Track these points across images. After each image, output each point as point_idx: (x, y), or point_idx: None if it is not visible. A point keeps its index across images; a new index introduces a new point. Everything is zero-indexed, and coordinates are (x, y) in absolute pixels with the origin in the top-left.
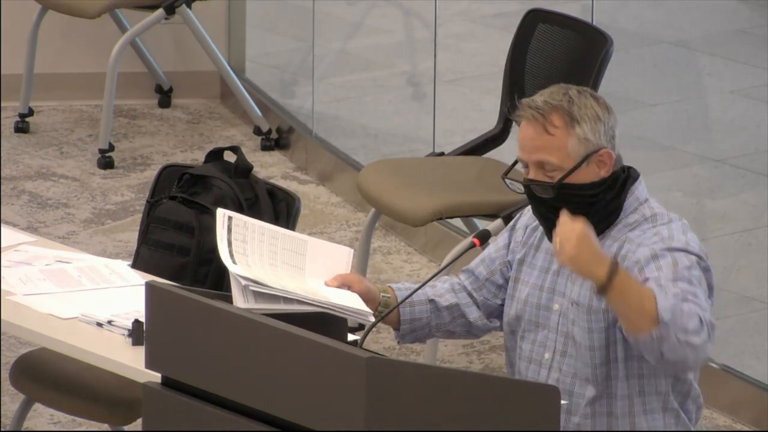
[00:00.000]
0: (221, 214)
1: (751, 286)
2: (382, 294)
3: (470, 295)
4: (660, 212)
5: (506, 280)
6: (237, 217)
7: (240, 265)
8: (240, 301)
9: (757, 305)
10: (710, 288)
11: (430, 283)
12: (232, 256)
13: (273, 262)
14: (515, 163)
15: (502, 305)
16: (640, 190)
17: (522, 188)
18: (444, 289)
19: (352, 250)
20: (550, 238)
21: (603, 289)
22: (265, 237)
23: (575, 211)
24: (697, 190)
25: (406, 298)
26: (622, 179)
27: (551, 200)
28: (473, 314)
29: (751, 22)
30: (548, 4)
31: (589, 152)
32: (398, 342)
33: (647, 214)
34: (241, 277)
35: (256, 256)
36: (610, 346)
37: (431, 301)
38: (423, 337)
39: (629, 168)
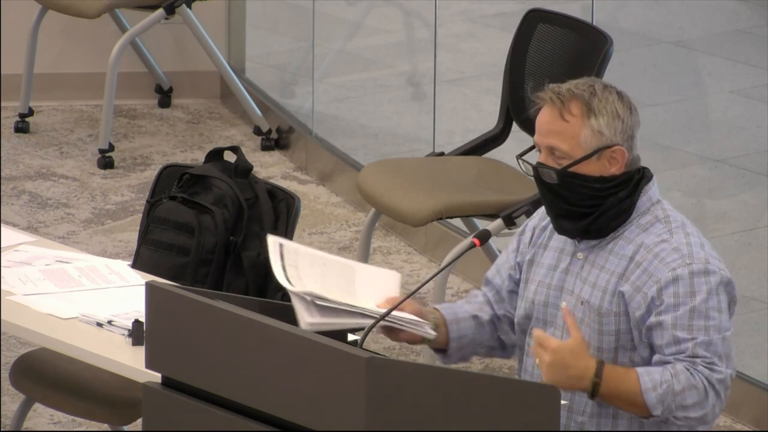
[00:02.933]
0: (272, 241)
1: (751, 286)
2: (431, 315)
3: (495, 312)
4: (673, 214)
5: (516, 284)
6: (287, 244)
7: (297, 286)
8: (306, 316)
9: (757, 305)
10: (733, 301)
11: (468, 299)
12: (288, 279)
13: (325, 287)
14: (532, 147)
15: None
16: (653, 190)
17: (532, 170)
18: (480, 302)
19: (399, 274)
20: (556, 227)
21: (592, 396)
22: (316, 263)
23: (581, 203)
24: (697, 190)
25: (413, 293)
26: (636, 179)
27: (555, 186)
28: (505, 332)
29: (751, 22)
30: (548, 4)
31: (602, 146)
32: (444, 363)
33: (660, 215)
34: (304, 293)
35: (310, 280)
36: (619, 350)
37: (474, 316)
38: (468, 354)
39: (644, 168)
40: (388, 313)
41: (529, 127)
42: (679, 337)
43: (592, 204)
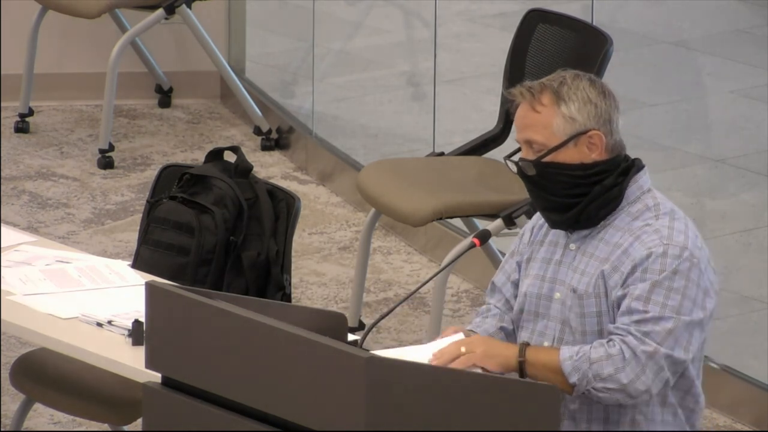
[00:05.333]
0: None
1: (751, 286)
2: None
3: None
4: (663, 202)
5: (516, 286)
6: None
7: None
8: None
9: (757, 305)
10: (705, 290)
11: (483, 315)
12: None
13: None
14: (519, 149)
15: None
16: (644, 179)
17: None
18: (498, 313)
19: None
20: (546, 220)
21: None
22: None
23: (565, 192)
24: (697, 190)
25: (413, 293)
26: (624, 167)
27: (536, 178)
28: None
29: (751, 22)
30: (548, 4)
31: (576, 132)
32: None
33: (650, 203)
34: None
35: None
36: (603, 332)
37: (501, 328)
38: None
39: (635, 159)
40: (387, 314)
41: None
42: (633, 307)
43: (578, 193)
